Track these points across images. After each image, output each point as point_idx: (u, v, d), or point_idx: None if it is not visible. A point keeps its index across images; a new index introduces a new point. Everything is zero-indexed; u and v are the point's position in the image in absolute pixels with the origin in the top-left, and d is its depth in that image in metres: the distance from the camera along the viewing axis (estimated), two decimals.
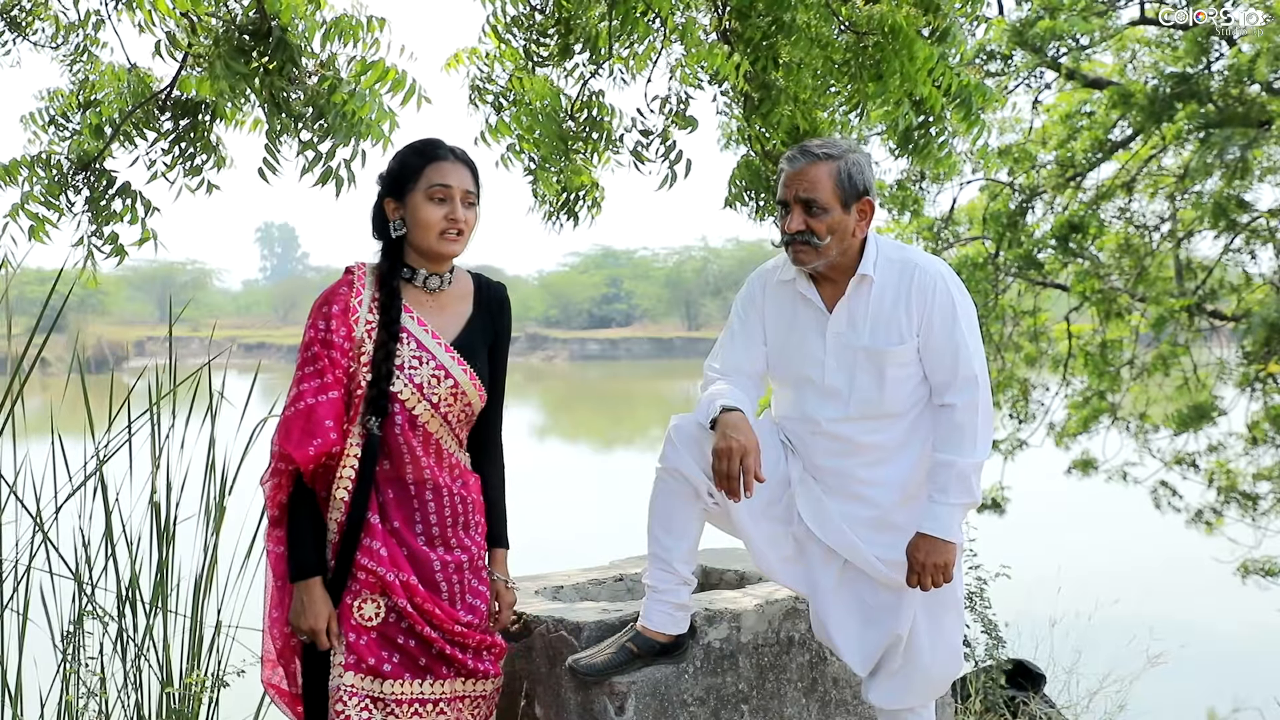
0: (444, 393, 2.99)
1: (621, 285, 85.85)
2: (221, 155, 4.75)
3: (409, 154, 3.01)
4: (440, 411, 2.99)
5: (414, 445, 2.98)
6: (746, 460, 3.04)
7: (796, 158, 3.19)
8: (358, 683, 2.91)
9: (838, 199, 3.15)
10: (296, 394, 2.92)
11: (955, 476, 3.14)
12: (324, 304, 2.99)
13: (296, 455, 2.86)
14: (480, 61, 5.06)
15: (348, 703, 2.90)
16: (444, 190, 2.95)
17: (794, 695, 3.70)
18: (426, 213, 2.94)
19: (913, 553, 3.16)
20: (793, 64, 4.87)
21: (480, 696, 3.07)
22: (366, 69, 4.01)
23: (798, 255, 3.20)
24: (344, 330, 2.94)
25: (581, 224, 5.30)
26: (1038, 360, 12.94)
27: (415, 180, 2.96)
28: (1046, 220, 12.11)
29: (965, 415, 3.17)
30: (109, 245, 4.74)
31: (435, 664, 2.97)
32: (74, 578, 4.00)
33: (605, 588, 4.17)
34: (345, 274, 3.06)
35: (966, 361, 3.18)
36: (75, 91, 4.92)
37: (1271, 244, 11.59)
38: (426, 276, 3.03)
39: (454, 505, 3.04)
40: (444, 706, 2.99)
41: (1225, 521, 11.58)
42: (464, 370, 3.01)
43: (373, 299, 2.99)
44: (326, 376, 2.91)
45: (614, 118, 5.11)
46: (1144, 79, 11.42)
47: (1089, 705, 5.17)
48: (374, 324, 2.96)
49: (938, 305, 3.18)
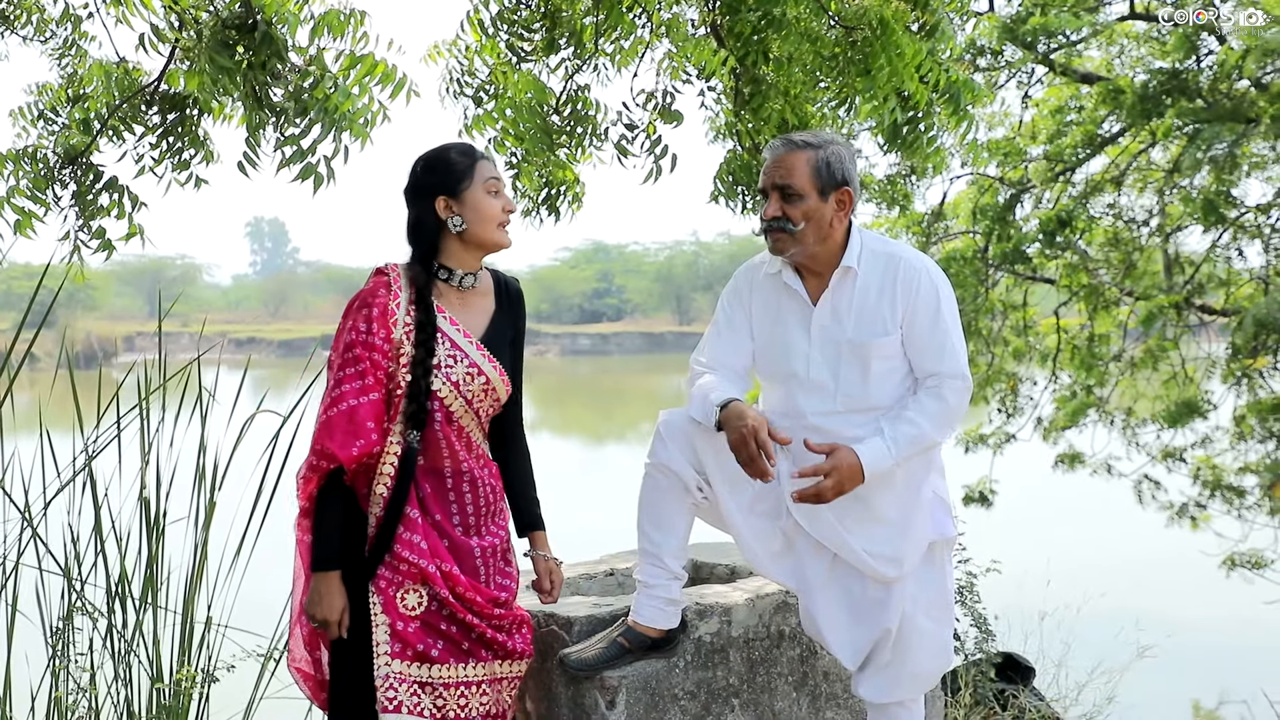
0: (477, 389, 3.11)
1: (612, 280, 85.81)
2: (209, 150, 4.74)
3: (454, 155, 3.13)
4: (473, 407, 3.13)
5: (451, 439, 3.10)
6: (760, 437, 3.05)
7: (778, 146, 3.23)
8: (405, 669, 3.00)
9: (814, 186, 3.17)
10: (339, 394, 3.00)
11: (913, 438, 3.15)
12: (363, 305, 3.08)
13: (340, 455, 2.96)
14: (460, 55, 5.05)
15: (398, 689, 2.99)
16: (496, 184, 3.13)
17: (784, 689, 3.70)
18: (488, 205, 3.09)
19: (834, 462, 3.08)
20: (783, 58, 4.87)
21: (516, 677, 3.20)
22: (356, 63, 4.00)
23: (775, 242, 3.23)
24: (384, 333, 3.04)
25: (562, 219, 5.31)
26: (1026, 354, 12.97)
27: (470, 177, 3.10)
28: (1035, 217, 12.13)
29: (955, 403, 3.20)
30: (96, 240, 4.72)
31: (476, 648, 3.08)
32: (63, 573, 3.99)
33: (596, 582, 4.18)
34: (378, 274, 3.15)
35: (953, 355, 3.20)
36: (64, 86, 4.90)
37: (1259, 239, 11.61)
38: (463, 276, 3.15)
39: (485, 494, 3.17)
40: (485, 687, 3.11)
41: (1210, 516, 11.61)
42: (494, 366, 3.14)
43: (410, 301, 3.09)
44: (368, 378, 3.01)
45: (599, 112, 5.11)
46: (1132, 74, 11.45)
47: (1078, 698, 5.19)
48: (411, 325, 3.06)
49: (922, 298, 3.19)
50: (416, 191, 3.13)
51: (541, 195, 5.21)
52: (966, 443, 12.72)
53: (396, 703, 2.98)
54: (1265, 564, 10.68)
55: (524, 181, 5.08)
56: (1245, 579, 10.76)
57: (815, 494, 3.09)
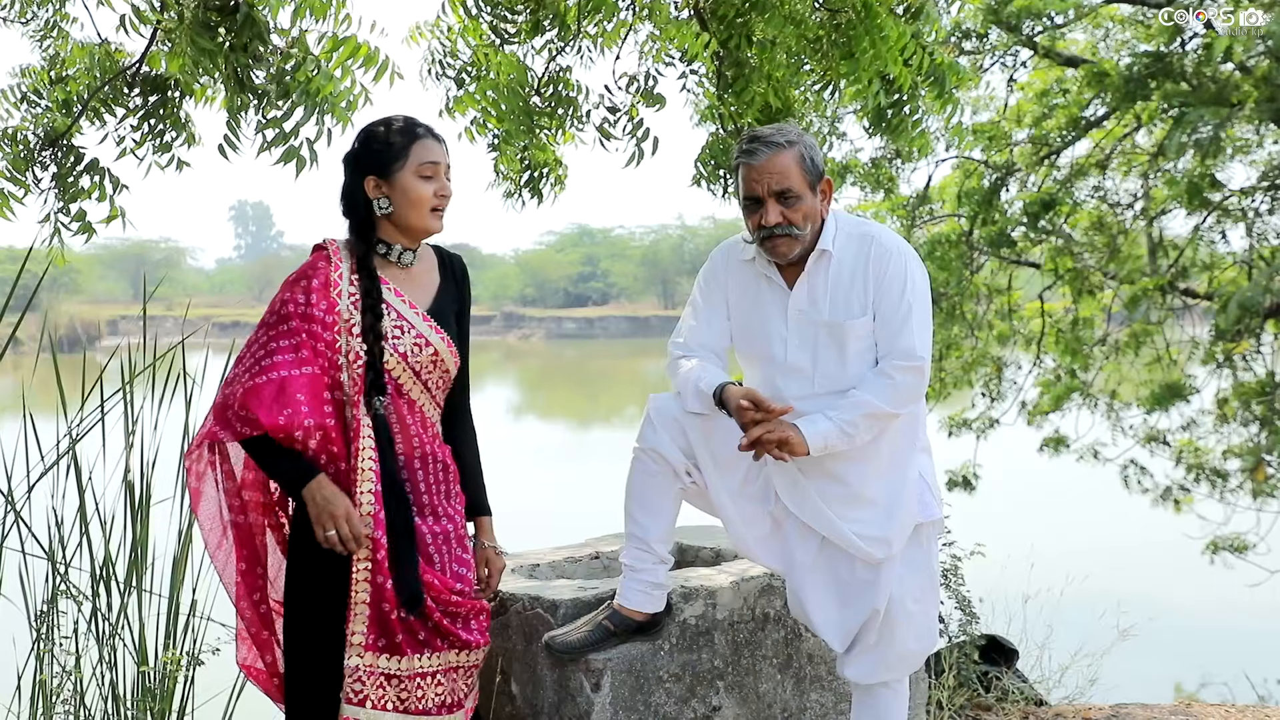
0: (425, 360, 3.04)
1: (598, 264, 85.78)
2: (191, 132, 4.71)
3: (391, 133, 3.02)
4: (422, 379, 3.05)
5: (404, 414, 3.02)
6: (756, 396, 3.06)
7: (758, 150, 3.15)
8: (375, 661, 2.93)
9: (806, 184, 3.15)
10: (271, 363, 2.91)
11: (865, 416, 3.13)
12: (300, 278, 3.01)
13: (265, 420, 2.85)
14: (442, 36, 5.03)
15: (366, 682, 2.92)
16: (433, 168, 3.01)
17: (769, 671, 3.72)
18: (418, 190, 3.00)
19: (778, 429, 3.07)
20: (766, 41, 4.87)
21: (473, 666, 3.11)
22: (338, 45, 3.98)
23: (778, 248, 3.18)
24: (325, 304, 2.97)
25: (545, 202, 5.29)
26: (1010, 338, 13.00)
27: (403, 159, 3.00)
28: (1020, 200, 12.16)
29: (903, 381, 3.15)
30: (76, 223, 4.70)
31: (431, 637, 2.99)
32: (48, 557, 3.98)
33: (581, 566, 4.19)
34: (317, 250, 3.08)
35: (909, 336, 3.15)
36: (46, 68, 4.87)
37: (1243, 223, 11.66)
38: (402, 252, 3.07)
39: (439, 473, 3.08)
40: (440, 678, 3.02)
41: (1194, 499, 11.68)
42: (441, 337, 3.07)
43: (351, 270, 3.02)
44: (304, 350, 2.93)
45: (581, 95, 5.10)
46: (1117, 57, 11.46)
47: (1060, 680, 5.21)
48: (356, 294, 2.99)
49: (889, 278, 3.17)
50: (350, 164, 3.05)
51: (524, 177, 5.19)
52: (950, 427, 12.76)
53: (362, 696, 2.91)
54: (1248, 548, 10.74)
55: (505, 163, 5.06)
56: (1227, 563, 10.83)
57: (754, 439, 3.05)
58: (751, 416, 3.06)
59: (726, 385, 3.15)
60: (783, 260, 3.23)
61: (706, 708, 3.55)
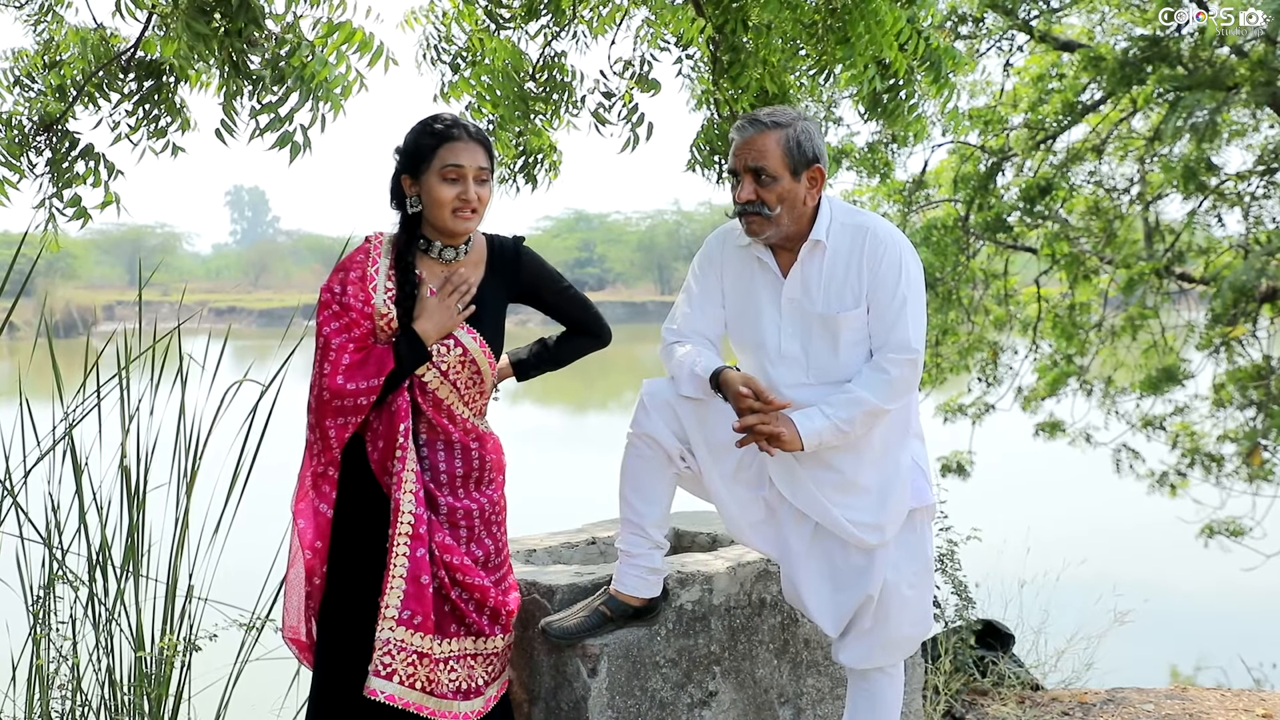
0: (453, 360, 3.12)
1: (594, 249, 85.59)
2: (186, 117, 4.70)
3: (424, 134, 3.10)
4: (449, 379, 3.13)
5: (427, 408, 3.11)
6: (755, 385, 3.07)
7: (745, 127, 3.19)
8: (408, 637, 2.99)
9: (786, 167, 3.14)
10: (324, 342, 3.06)
11: (862, 414, 3.13)
12: (339, 270, 3.13)
13: (330, 385, 3.01)
14: (437, 21, 5.02)
15: (396, 656, 2.98)
16: (457, 170, 3.07)
17: (765, 657, 3.72)
18: (440, 192, 3.06)
19: (773, 423, 3.06)
20: (761, 26, 4.85)
21: (491, 654, 3.18)
22: (333, 31, 3.97)
23: (750, 226, 3.20)
24: (361, 295, 3.07)
25: (540, 187, 5.29)
26: (1007, 323, 13.00)
27: (429, 160, 3.07)
28: (1016, 185, 12.14)
29: (898, 374, 3.14)
30: (71, 208, 4.69)
31: (447, 621, 3.08)
32: (44, 542, 3.98)
33: (578, 551, 4.19)
34: (364, 243, 3.18)
35: (903, 328, 3.15)
36: (40, 52, 4.85)
37: (1239, 207, 11.65)
38: (442, 249, 3.15)
39: (468, 460, 3.16)
40: (455, 664, 3.10)
41: (1189, 483, 11.69)
42: (473, 338, 3.15)
43: (389, 268, 3.11)
44: (354, 330, 3.05)
45: (576, 80, 5.08)
46: (1113, 41, 11.44)
47: (1056, 664, 5.23)
48: (393, 290, 3.09)
49: (884, 269, 3.16)
50: (396, 160, 3.15)
51: (519, 163, 5.19)
52: (945, 413, 12.77)
53: (390, 669, 2.97)
54: (1243, 532, 10.76)
55: (500, 149, 5.05)
56: (1223, 547, 10.84)
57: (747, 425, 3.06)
58: (749, 405, 3.07)
59: (724, 369, 3.15)
60: (756, 238, 3.23)
61: (703, 693, 3.56)
